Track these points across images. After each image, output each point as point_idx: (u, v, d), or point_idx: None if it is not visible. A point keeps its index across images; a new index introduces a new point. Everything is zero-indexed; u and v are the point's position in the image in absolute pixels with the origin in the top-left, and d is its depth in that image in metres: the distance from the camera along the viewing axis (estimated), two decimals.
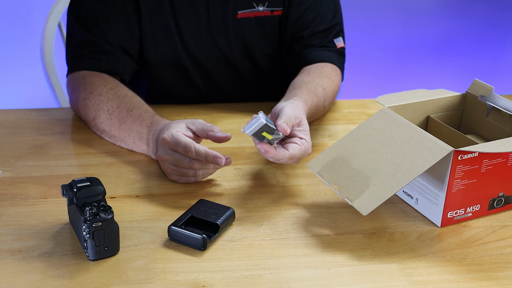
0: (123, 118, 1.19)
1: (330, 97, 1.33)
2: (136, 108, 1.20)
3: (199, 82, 1.46)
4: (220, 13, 1.38)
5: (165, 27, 1.37)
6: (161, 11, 1.35)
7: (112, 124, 1.20)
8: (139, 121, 1.17)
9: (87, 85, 1.26)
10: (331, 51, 1.41)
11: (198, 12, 1.37)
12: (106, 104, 1.22)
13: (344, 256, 0.93)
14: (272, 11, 1.40)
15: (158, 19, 1.36)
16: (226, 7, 1.37)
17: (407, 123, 1.02)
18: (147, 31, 1.36)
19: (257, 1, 1.39)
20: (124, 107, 1.20)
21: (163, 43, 1.38)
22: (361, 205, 0.94)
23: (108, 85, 1.25)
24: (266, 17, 1.41)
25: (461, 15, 3.35)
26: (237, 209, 1.02)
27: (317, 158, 1.05)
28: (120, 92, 1.24)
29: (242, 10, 1.39)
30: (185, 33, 1.38)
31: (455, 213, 1.00)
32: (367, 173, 0.98)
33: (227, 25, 1.39)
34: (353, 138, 1.05)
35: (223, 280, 0.87)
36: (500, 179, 1.01)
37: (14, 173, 1.12)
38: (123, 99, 1.22)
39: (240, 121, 1.36)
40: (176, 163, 1.07)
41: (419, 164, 0.94)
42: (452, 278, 0.89)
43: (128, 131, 1.18)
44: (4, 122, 1.32)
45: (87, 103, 1.24)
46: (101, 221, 0.87)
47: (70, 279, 0.86)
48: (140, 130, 1.17)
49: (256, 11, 1.39)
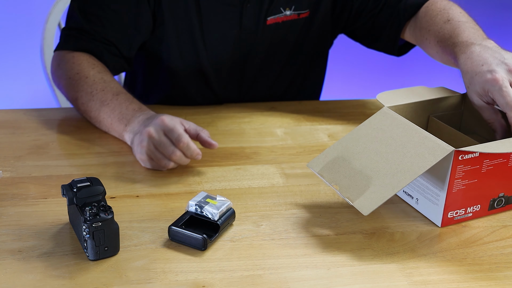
0: (107, 101, 1.20)
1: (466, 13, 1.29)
2: (123, 93, 1.22)
3: (216, 88, 1.45)
4: (252, 20, 1.38)
5: (191, 36, 1.36)
6: (187, 20, 1.35)
7: (93, 106, 1.22)
8: (126, 104, 1.19)
9: (74, 64, 1.26)
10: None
11: (228, 21, 1.36)
12: (90, 86, 1.23)
13: (344, 256, 0.93)
14: (299, 14, 1.41)
15: (184, 28, 1.35)
16: (259, 14, 1.38)
17: (407, 123, 1.02)
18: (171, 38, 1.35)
19: (284, 5, 1.39)
20: (109, 91, 1.21)
21: (188, 52, 1.38)
22: (362, 205, 0.94)
23: (96, 68, 1.26)
24: (294, 20, 1.41)
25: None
26: (237, 209, 1.02)
27: (317, 158, 1.04)
28: (106, 77, 1.25)
29: (271, 16, 1.39)
30: (210, 41, 1.38)
31: (455, 213, 1.00)
32: (368, 173, 0.98)
33: (257, 32, 1.39)
34: (353, 138, 1.04)
35: (223, 280, 0.87)
36: (501, 179, 1.01)
37: (14, 173, 1.12)
38: (109, 83, 1.23)
39: (240, 121, 1.36)
40: (158, 145, 1.08)
41: (420, 164, 0.94)
42: (452, 278, 0.89)
43: (109, 112, 1.19)
44: (4, 122, 1.32)
45: (72, 83, 1.25)
46: (101, 221, 0.87)
47: (70, 279, 0.85)
48: (124, 112, 1.18)
49: (283, 15, 1.40)
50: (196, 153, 1.09)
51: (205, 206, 0.95)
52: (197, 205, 0.96)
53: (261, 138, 1.29)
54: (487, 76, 1.03)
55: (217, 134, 1.30)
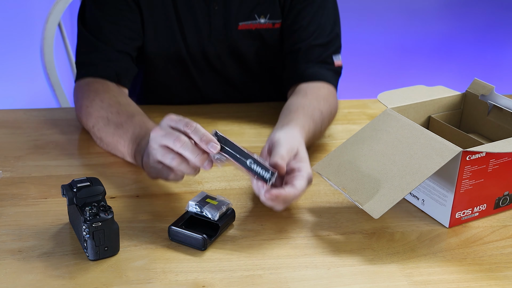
0: (121, 123, 1.15)
1: (327, 121, 1.27)
2: (139, 115, 1.16)
3: (199, 83, 1.45)
4: (221, 24, 1.37)
5: (168, 28, 1.36)
6: (166, 16, 1.35)
7: (108, 130, 1.16)
8: (140, 124, 1.13)
9: (90, 92, 1.24)
10: (329, 70, 1.35)
11: (200, 22, 1.36)
12: (106, 110, 1.19)
13: (344, 256, 0.93)
14: (274, 23, 1.39)
15: (162, 23, 1.36)
16: (228, 18, 1.37)
17: (412, 124, 1.02)
18: (149, 28, 1.35)
19: (259, 13, 1.38)
20: (124, 113, 1.16)
21: (165, 41, 1.38)
22: (372, 208, 0.93)
23: (111, 92, 1.23)
24: (268, 30, 1.39)
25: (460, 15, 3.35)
26: (237, 209, 1.02)
27: (322, 161, 1.04)
28: (122, 100, 1.21)
29: (244, 22, 1.38)
30: (189, 35, 1.38)
31: (462, 213, 1.00)
32: (376, 175, 0.97)
33: (227, 36, 1.39)
34: (358, 141, 1.04)
35: (223, 280, 0.87)
36: (506, 178, 1.02)
37: (14, 173, 1.12)
38: (124, 106, 1.19)
39: (240, 121, 1.36)
40: (164, 137, 0.94)
41: (428, 165, 0.94)
42: (452, 278, 0.89)
43: (123, 134, 1.12)
44: (4, 122, 1.32)
45: (89, 111, 1.22)
46: (101, 221, 0.87)
47: (70, 279, 0.85)
48: (138, 132, 1.10)
49: (257, 23, 1.38)
50: (208, 139, 0.92)
51: (205, 206, 0.95)
52: (197, 205, 0.96)
53: (261, 138, 1.29)
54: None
55: None
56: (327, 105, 1.27)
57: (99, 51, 1.29)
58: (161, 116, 1.39)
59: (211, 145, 0.92)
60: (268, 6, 1.37)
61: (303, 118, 1.16)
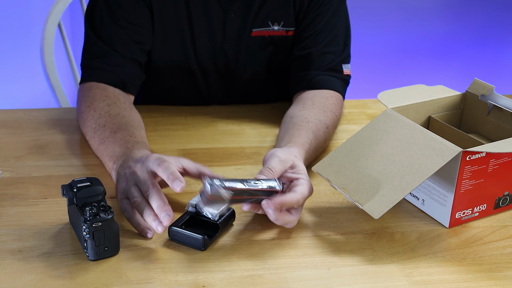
0: (103, 139, 1.13)
1: (332, 133, 1.26)
2: (122, 130, 1.12)
3: (202, 88, 1.44)
4: (235, 31, 1.37)
5: (179, 33, 1.35)
6: (178, 21, 1.34)
7: (93, 143, 1.16)
8: (120, 143, 1.09)
9: (88, 98, 1.23)
10: (338, 78, 1.35)
11: (214, 28, 1.35)
12: (95, 121, 1.17)
13: (344, 256, 0.93)
14: (287, 31, 1.38)
15: (173, 28, 1.34)
16: (244, 25, 1.36)
17: (412, 124, 1.02)
18: (158, 33, 1.34)
19: (273, 20, 1.37)
20: (108, 128, 1.14)
21: (174, 46, 1.36)
22: (372, 208, 0.93)
23: (107, 100, 1.21)
24: (281, 37, 1.39)
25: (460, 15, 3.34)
26: (237, 209, 1.02)
27: (323, 162, 1.04)
28: (113, 111, 1.18)
29: (257, 29, 1.37)
30: (200, 41, 1.36)
31: (462, 213, 1.00)
32: (376, 176, 0.97)
33: (239, 42, 1.38)
34: (358, 141, 1.04)
35: (223, 280, 0.87)
36: (506, 178, 1.02)
37: (14, 173, 1.12)
38: (113, 118, 1.16)
39: (240, 121, 1.36)
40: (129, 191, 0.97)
41: (428, 165, 0.94)
42: (452, 278, 0.89)
43: (103, 151, 1.11)
44: (4, 122, 1.32)
45: (83, 117, 1.21)
46: (101, 221, 0.87)
47: (70, 279, 0.85)
48: (118, 151, 1.08)
49: (271, 30, 1.38)
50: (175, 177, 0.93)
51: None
52: (197, 205, 0.96)
53: (261, 138, 1.29)
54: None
55: (217, 134, 1.30)
56: (333, 117, 1.25)
57: (106, 56, 1.28)
58: (161, 116, 1.40)
59: (176, 183, 0.92)
60: (283, 13, 1.37)
61: (305, 135, 1.14)
